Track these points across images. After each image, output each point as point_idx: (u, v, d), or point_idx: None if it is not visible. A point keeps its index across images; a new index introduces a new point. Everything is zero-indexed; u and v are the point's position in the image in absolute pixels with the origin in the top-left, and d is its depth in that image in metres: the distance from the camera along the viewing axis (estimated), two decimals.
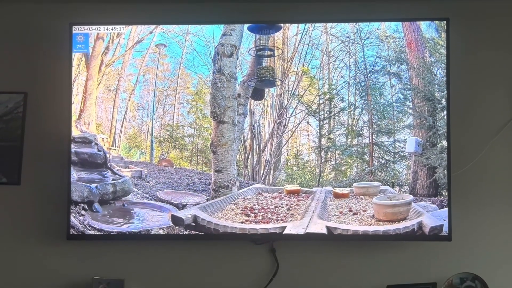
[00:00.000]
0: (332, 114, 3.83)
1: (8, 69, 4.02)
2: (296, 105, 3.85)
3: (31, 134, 3.97)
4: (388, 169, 3.79)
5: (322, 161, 3.83)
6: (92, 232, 3.77)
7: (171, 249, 3.89)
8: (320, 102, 3.84)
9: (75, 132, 3.83)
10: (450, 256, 3.81)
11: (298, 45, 3.84)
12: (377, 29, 3.81)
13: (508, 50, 3.94)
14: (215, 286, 3.86)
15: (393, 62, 3.80)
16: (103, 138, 3.86)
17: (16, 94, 3.98)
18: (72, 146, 3.82)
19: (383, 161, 3.80)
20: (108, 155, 3.87)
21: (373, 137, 3.81)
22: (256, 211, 3.77)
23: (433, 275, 3.74)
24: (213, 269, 3.88)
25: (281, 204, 3.79)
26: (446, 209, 3.70)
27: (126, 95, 3.90)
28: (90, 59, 3.87)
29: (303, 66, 3.84)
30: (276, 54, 3.84)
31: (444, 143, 3.74)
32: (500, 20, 3.94)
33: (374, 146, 3.80)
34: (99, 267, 3.86)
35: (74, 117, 3.83)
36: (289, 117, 3.85)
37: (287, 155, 3.87)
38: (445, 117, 3.75)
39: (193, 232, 3.75)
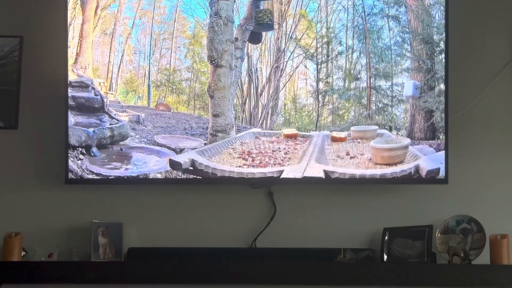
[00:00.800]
0: (329, 58, 3.81)
1: (3, 13, 3.98)
2: (294, 49, 3.83)
3: (28, 78, 3.95)
4: (386, 112, 3.79)
5: (319, 105, 3.82)
6: (90, 176, 3.79)
7: (169, 193, 3.91)
8: (318, 45, 3.82)
9: (71, 76, 3.82)
10: (447, 199, 3.82)
11: None
12: None
13: None
14: (213, 229, 3.89)
15: (392, 5, 3.76)
16: (100, 83, 3.85)
17: (12, 38, 3.95)
18: (69, 90, 3.81)
19: (380, 105, 3.79)
20: (105, 100, 3.85)
21: (371, 80, 3.79)
22: (253, 155, 3.78)
23: (430, 218, 3.75)
24: (211, 213, 3.90)
25: (279, 148, 3.79)
26: (443, 152, 3.71)
27: (123, 38, 3.87)
28: (86, 2, 3.83)
29: (301, 9, 3.81)
30: None
31: (442, 86, 3.73)
32: None
33: (372, 89, 3.79)
34: (97, 211, 3.88)
35: (70, 61, 3.81)
36: (287, 61, 3.83)
37: (285, 99, 3.86)
38: (443, 60, 3.73)
39: (191, 176, 3.77)
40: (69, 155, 3.78)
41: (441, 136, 3.72)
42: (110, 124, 3.82)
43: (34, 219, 3.89)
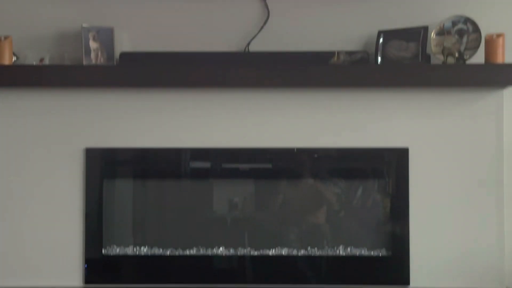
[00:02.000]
0: None
1: None
2: None
3: None
4: None
5: None
6: None
7: None
8: None
9: None
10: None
11: None
12: None
13: None
14: (205, 33, 3.82)
15: None
16: None
17: None
18: None
19: None
20: None
21: None
22: None
23: (425, 19, 3.70)
24: (201, 16, 3.82)
25: None
26: None
27: None
28: None
29: None
30: None
31: None
32: None
33: None
34: (87, 15, 3.78)
35: None
36: None
37: None
38: None
39: None
40: None
41: None
42: None
43: (22, 24, 3.80)
